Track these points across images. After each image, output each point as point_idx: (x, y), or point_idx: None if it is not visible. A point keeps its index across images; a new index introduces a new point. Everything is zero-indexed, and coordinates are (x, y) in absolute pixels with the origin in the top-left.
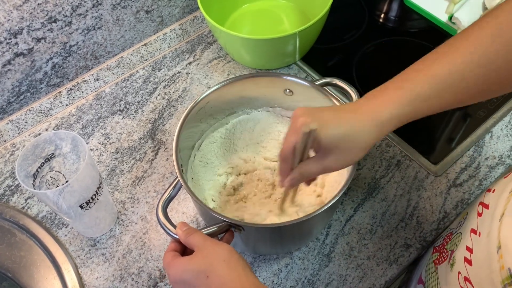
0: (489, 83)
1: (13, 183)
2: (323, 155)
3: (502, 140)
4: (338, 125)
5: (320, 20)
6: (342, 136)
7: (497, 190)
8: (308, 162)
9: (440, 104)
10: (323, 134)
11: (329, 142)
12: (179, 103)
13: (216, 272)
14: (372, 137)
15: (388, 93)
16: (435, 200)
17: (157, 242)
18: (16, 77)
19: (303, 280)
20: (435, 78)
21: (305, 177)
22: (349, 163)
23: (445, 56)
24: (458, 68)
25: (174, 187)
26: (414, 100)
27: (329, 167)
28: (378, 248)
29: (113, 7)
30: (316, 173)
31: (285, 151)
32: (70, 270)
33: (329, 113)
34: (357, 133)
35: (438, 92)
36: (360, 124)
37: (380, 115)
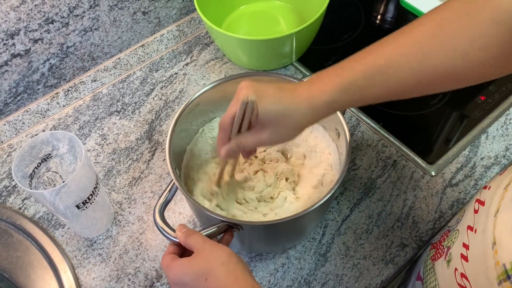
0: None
1: (10, 184)
2: (259, 129)
3: (497, 140)
4: (276, 102)
5: (316, 21)
6: (278, 113)
7: (492, 186)
8: (245, 134)
9: (373, 94)
10: (261, 107)
11: (266, 117)
12: (176, 104)
13: (215, 275)
14: (305, 119)
15: (327, 79)
16: (431, 200)
17: (153, 242)
18: (13, 78)
19: (300, 280)
20: (371, 68)
21: (240, 148)
22: (282, 140)
23: (385, 47)
24: (395, 60)
25: (170, 190)
26: (348, 88)
27: (263, 141)
28: (374, 248)
29: (110, 8)
30: (251, 145)
31: (224, 120)
32: (66, 271)
33: (271, 90)
34: (292, 113)
35: (372, 82)
36: (296, 105)
37: (315, 100)
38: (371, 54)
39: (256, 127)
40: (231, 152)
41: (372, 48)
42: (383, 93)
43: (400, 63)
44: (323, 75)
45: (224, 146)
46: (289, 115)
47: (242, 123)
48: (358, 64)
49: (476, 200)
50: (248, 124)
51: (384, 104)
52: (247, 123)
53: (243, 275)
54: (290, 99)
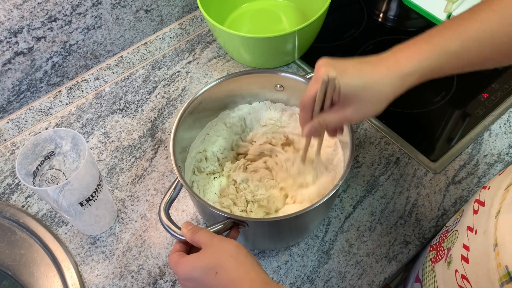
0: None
1: (13, 182)
2: (342, 105)
3: (500, 137)
4: (358, 75)
5: (319, 19)
6: (362, 86)
7: (492, 187)
8: (328, 111)
9: (466, 61)
10: (343, 83)
11: (349, 92)
12: (179, 102)
13: (224, 268)
14: (392, 89)
15: (415, 46)
16: (434, 197)
17: (156, 239)
18: (16, 76)
19: (303, 277)
20: (463, 35)
21: (323, 126)
22: (367, 115)
23: (477, 14)
24: (489, 26)
25: (175, 188)
26: (440, 54)
27: (348, 118)
28: (377, 245)
29: (112, 6)
30: (334, 122)
31: (305, 100)
32: (70, 268)
33: (351, 64)
34: (378, 84)
35: (464, 48)
36: (381, 75)
37: (403, 67)
38: (463, 21)
39: (338, 104)
40: (313, 130)
41: (463, 16)
42: (477, 59)
43: (494, 29)
44: (409, 44)
45: (307, 125)
46: (374, 86)
47: (324, 102)
48: (449, 31)
49: (475, 200)
50: (330, 102)
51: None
52: (329, 101)
53: (252, 267)
54: (373, 70)
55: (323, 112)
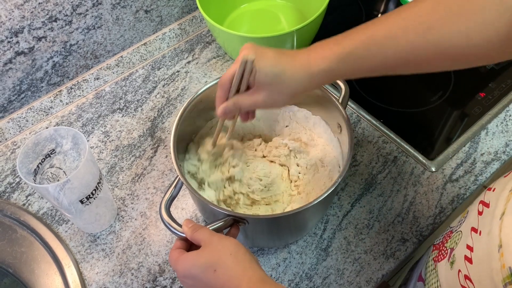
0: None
1: (14, 181)
2: (255, 90)
3: (497, 136)
4: (274, 64)
5: (317, 18)
6: (275, 75)
7: (497, 188)
8: (242, 94)
9: (371, 65)
10: (259, 68)
11: (263, 78)
12: (178, 101)
13: (223, 266)
14: (301, 84)
15: (328, 46)
16: (432, 195)
17: (156, 237)
18: (17, 75)
19: (301, 274)
20: (370, 39)
21: (237, 107)
22: (276, 105)
23: (387, 20)
24: (394, 32)
25: (175, 186)
26: (347, 57)
27: (258, 102)
28: (375, 243)
29: (112, 7)
30: (246, 105)
31: (223, 78)
32: (70, 266)
33: (271, 52)
34: (288, 78)
35: (371, 53)
36: (293, 70)
37: (312, 67)
38: (372, 25)
39: (252, 88)
40: (227, 110)
41: (374, 21)
42: (381, 65)
43: (399, 35)
44: (324, 44)
45: (221, 105)
46: (286, 79)
47: (240, 84)
48: (358, 35)
49: (480, 201)
50: (247, 85)
51: (384, 101)
52: (246, 84)
53: (251, 265)
54: (288, 63)
55: (238, 94)
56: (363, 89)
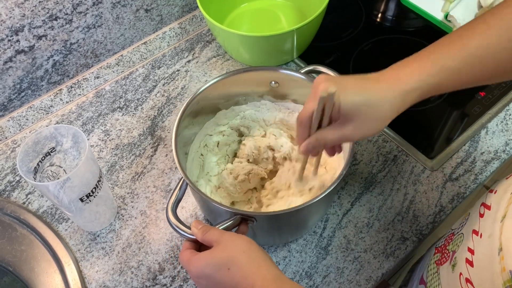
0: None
1: (14, 179)
2: (342, 122)
3: (497, 135)
4: (359, 92)
5: (317, 18)
6: (363, 103)
7: (499, 191)
8: (326, 128)
9: (467, 78)
10: (342, 99)
11: (349, 109)
12: (178, 100)
13: (237, 264)
14: (394, 106)
15: (414, 63)
16: (431, 194)
17: (156, 236)
18: (17, 74)
19: (301, 273)
20: (462, 51)
21: (321, 144)
22: (368, 133)
23: (474, 30)
24: (488, 42)
25: (180, 188)
26: (440, 71)
27: (347, 136)
28: (375, 241)
29: (113, 6)
30: (333, 140)
31: (303, 115)
32: (70, 264)
33: (351, 80)
34: (379, 101)
35: (466, 65)
36: (382, 92)
37: (404, 84)
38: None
39: (338, 121)
40: (310, 147)
41: (461, 32)
42: (478, 75)
43: (495, 45)
44: (409, 61)
45: (304, 142)
46: (375, 104)
47: (322, 119)
48: (447, 48)
49: (482, 204)
50: (329, 120)
51: None
52: (328, 118)
53: (265, 263)
54: (375, 87)
55: (321, 129)
56: None
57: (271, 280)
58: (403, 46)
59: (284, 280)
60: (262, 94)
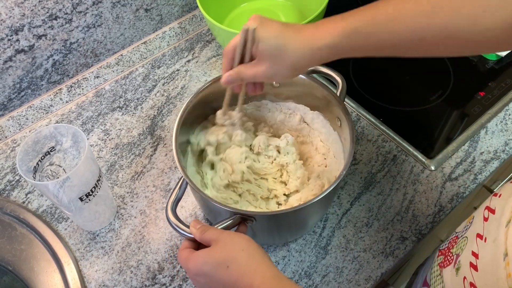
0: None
1: (14, 178)
2: (258, 61)
3: (497, 135)
4: (278, 36)
5: (317, 18)
6: (277, 47)
7: (503, 194)
8: (245, 64)
9: (376, 43)
10: (262, 39)
11: (265, 49)
12: (178, 100)
13: (236, 262)
14: (304, 59)
15: (333, 22)
16: (431, 194)
17: (155, 235)
18: (17, 73)
19: (300, 272)
20: (376, 17)
21: (239, 77)
22: (278, 77)
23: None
24: (401, 13)
25: (180, 187)
26: (351, 33)
27: (259, 74)
28: (374, 241)
29: (113, 5)
30: (248, 76)
31: (228, 47)
32: (70, 263)
33: (276, 24)
34: (291, 51)
35: (376, 31)
36: (296, 43)
37: (316, 42)
38: (380, 4)
39: (255, 59)
40: (230, 79)
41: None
42: (387, 44)
43: (406, 16)
44: (330, 20)
45: (226, 73)
46: (288, 51)
47: (244, 54)
48: (364, 12)
49: (486, 207)
50: (250, 56)
51: (384, 100)
52: (249, 54)
53: (263, 261)
54: (292, 36)
55: (241, 64)
56: (362, 88)
57: (269, 278)
58: None
59: (282, 279)
60: (264, 94)
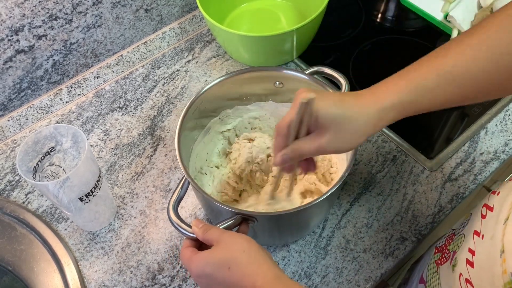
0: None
1: (14, 178)
2: (318, 133)
3: (496, 135)
4: (337, 104)
5: (317, 18)
6: (340, 116)
7: (502, 192)
8: (303, 139)
9: (443, 97)
10: (320, 108)
11: (326, 119)
12: (178, 100)
13: (237, 263)
14: (369, 122)
15: (391, 82)
16: (431, 194)
17: (155, 235)
18: (17, 74)
19: (300, 273)
20: (439, 70)
21: (297, 154)
22: (343, 147)
23: (451, 50)
24: (464, 61)
25: (182, 187)
26: (416, 89)
27: (322, 147)
28: (374, 241)
29: (113, 6)
30: (309, 151)
31: (281, 124)
32: (69, 264)
33: (332, 94)
34: (356, 116)
35: (441, 84)
36: (360, 108)
37: (381, 102)
38: (438, 56)
39: (314, 132)
40: (286, 158)
41: (438, 52)
42: (454, 96)
43: (470, 64)
44: (387, 80)
45: (280, 153)
46: (352, 118)
47: (300, 128)
48: (424, 66)
49: (484, 205)
50: (307, 130)
51: None
52: (306, 128)
53: (265, 261)
54: (353, 102)
55: (298, 139)
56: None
57: (271, 279)
58: (403, 46)
59: (284, 279)
60: (267, 94)
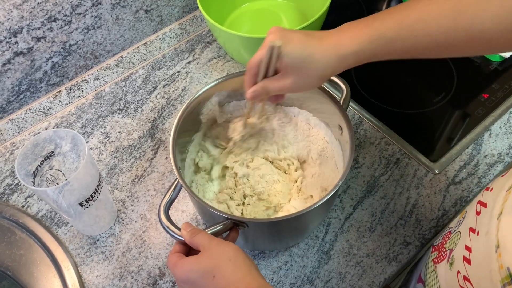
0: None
1: (13, 182)
2: (283, 74)
3: (500, 138)
4: (302, 48)
5: (319, 19)
6: (303, 59)
7: (495, 188)
8: (270, 78)
9: (401, 48)
10: (287, 52)
11: (290, 62)
12: (179, 102)
13: (222, 272)
14: (330, 68)
15: (357, 27)
16: (434, 197)
17: (156, 240)
18: (16, 76)
19: (303, 278)
20: (401, 23)
21: (265, 92)
22: (304, 87)
23: (416, 5)
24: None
25: (174, 189)
26: (378, 39)
27: (286, 86)
28: (377, 246)
29: (112, 7)
30: (275, 90)
31: (251, 63)
32: (70, 268)
33: (298, 35)
34: (317, 60)
35: (401, 36)
36: (322, 52)
37: (342, 49)
38: (403, 9)
39: (280, 72)
40: (256, 94)
41: (405, 4)
42: (412, 48)
43: (430, 20)
44: (353, 25)
45: (250, 89)
46: (313, 61)
47: (268, 68)
48: (389, 17)
49: (478, 201)
50: (274, 70)
51: (387, 102)
52: (273, 68)
53: (250, 272)
54: (317, 46)
55: (266, 78)
56: (365, 90)
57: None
58: None
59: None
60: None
